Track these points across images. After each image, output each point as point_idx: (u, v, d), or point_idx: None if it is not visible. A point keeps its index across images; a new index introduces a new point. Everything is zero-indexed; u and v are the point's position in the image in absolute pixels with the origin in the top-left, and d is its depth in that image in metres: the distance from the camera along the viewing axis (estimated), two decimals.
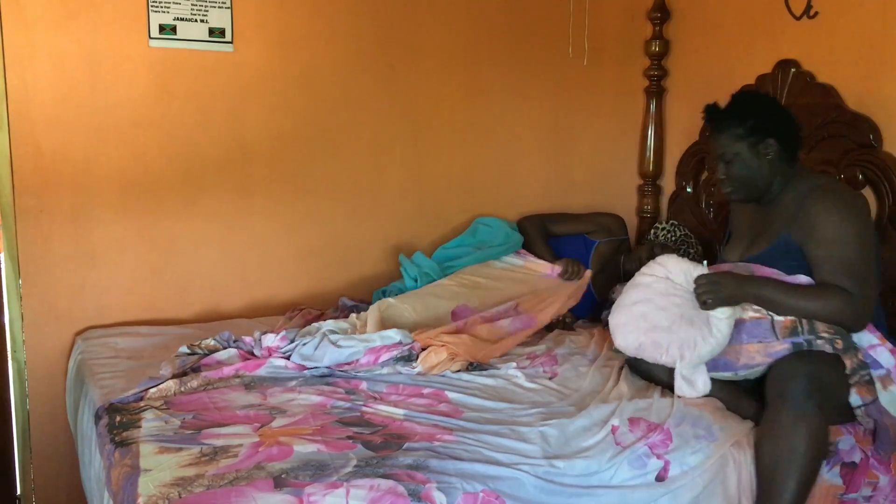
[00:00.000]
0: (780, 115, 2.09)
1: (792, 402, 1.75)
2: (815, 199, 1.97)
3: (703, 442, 1.79)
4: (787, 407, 1.75)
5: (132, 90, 2.49)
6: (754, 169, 2.06)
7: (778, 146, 2.04)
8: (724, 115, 2.09)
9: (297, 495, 1.46)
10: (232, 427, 1.75)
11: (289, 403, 1.91)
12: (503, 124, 3.09)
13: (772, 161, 2.05)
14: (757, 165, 2.05)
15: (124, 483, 1.54)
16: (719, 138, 2.09)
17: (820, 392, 1.77)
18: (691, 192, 3.09)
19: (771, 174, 2.06)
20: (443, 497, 1.51)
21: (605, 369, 2.19)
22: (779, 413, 1.76)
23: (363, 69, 2.81)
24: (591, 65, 3.17)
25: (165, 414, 1.82)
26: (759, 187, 2.09)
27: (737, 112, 2.07)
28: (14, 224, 2.41)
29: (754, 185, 2.08)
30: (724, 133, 2.07)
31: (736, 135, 2.05)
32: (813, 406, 1.74)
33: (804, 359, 1.86)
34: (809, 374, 1.79)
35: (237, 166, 2.67)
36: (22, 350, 2.48)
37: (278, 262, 2.79)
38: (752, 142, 2.04)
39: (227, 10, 2.57)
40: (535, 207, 3.18)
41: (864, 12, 2.41)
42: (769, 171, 2.06)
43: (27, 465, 2.54)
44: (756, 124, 2.03)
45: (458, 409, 1.91)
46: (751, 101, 2.12)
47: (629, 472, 1.71)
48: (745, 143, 2.04)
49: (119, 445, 1.67)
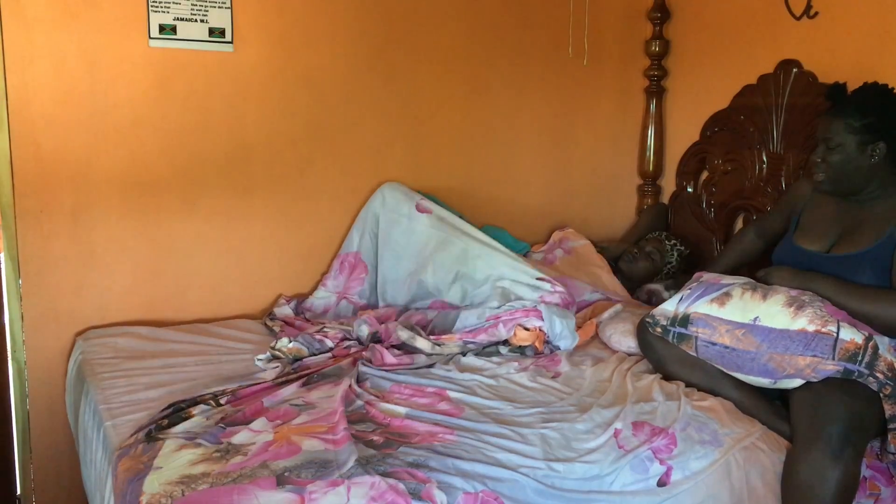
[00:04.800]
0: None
1: (829, 443, 1.68)
2: None
3: (709, 447, 1.77)
4: (822, 447, 1.68)
5: (132, 90, 2.49)
6: (854, 165, 1.98)
7: (887, 151, 1.97)
8: (848, 101, 2.00)
9: (298, 493, 1.46)
10: (256, 423, 1.75)
11: (324, 400, 1.90)
12: (503, 124, 3.09)
13: (875, 164, 1.98)
14: (858, 163, 1.98)
15: (131, 479, 1.54)
16: (833, 122, 2.00)
17: (857, 433, 1.72)
18: (691, 192, 3.10)
19: (869, 176, 2.00)
20: (443, 496, 1.51)
21: (608, 370, 2.17)
22: (812, 451, 1.70)
23: (363, 69, 2.81)
24: (591, 65, 3.17)
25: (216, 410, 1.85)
26: (852, 184, 2.02)
27: (861, 104, 1.98)
28: (14, 224, 2.40)
29: (847, 181, 2.01)
30: (839, 119, 1.98)
31: (850, 126, 1.97)
32: (850, 451, 1.68)
33: (848, 393, 1.77)
34: (853, 414, 1.73)
35: (237, 166, 2.67)
36: (22, 350, 2.47)
37: (278, 262, 2.79)
38: (863, 139, 1.96)
39: (227, 10, 2.57)
40: (535, 207, 3.18)
41: (864, 12, 2.41)
42: (868, 173, 1.99)
43: (27, 465, 2.54)
44: (874, 124, 1.95)
45: (459, 408, 1.91)
46: (879, 97, 2.00)
47: (630, 477, 1.69)
48: (856, 137, 1.97)
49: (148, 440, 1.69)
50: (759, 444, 1.82)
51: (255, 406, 1.87)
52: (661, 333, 2.05)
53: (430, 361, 2.20)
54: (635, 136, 3.30)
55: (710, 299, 1.97)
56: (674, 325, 2.01)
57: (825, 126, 2.02)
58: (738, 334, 1.90)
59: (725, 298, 1.95)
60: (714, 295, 1.97)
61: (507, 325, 2.28)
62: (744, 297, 1.94)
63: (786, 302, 1.89)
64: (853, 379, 1.80)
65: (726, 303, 1.94)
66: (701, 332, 1.95)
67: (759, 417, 1.91)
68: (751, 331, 1.88)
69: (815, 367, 1.82)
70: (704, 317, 1.95)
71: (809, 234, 2.13)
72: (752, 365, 1.89)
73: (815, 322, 1.84)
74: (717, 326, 1.93)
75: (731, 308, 1.93)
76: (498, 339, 2.28)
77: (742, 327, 1.90)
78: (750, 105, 2.79)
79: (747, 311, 1.91)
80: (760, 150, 2.77)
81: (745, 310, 1.91)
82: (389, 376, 2.09)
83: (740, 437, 1.82)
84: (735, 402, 1.95)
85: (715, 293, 1.98)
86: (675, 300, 2.05)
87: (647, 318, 2.10)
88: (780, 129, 2.70)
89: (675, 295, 2.08)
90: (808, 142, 2.55)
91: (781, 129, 2.69)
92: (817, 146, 2.06)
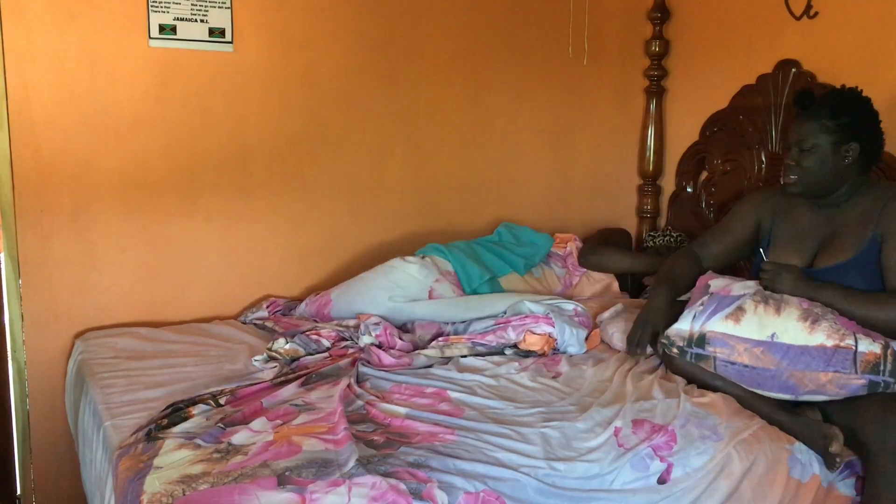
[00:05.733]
0: (872, 123, 2.04)
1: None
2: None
3: (709, 442, 1.77)
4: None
5: (132, 90, 2.49)
6: (828, 167, 2.01)
7: (859, 152, 1.99)
8: (821, 103, 2.03)
9: (299, 493, 1.46)
10: (256, 423, 1.75)
11: (323, 400, 1.90)
12: (503, 124, 3.09)
13: (848, 165, 2.00)
14: (832, 164, 2.00)
15: (131, 479, 1.54)
16: (805, 125, 2.03)
17: None
18: (691, 192, 3.10)
19: (842, 178, 2.02)
20: (444, 496, 1.51)
21: (609, 370, 2.17)
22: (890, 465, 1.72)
23: (363, 69, 2.81)
24: (591, 65, 3.17)
25: (216, 410, 1.85)
26: (824, 187, 2.03)
27: (834, 105, 2.01)
28: (14, 224, 2.40)
29: (820, 182, 2.03)
30: (813, 121, 2.01)
31: (824, 127, 2.00)
32: None
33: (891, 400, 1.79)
34: None
35: (237, 166, 2.67)
36: (22, 350, 2.47)
37: (278, 262, 2.79)
38: (837, 139, 1.99)
39: (227, 10, 2.57)
40: (535, 207, 3.18)
41: (864, 12, 2.41)
42: (841, 175, 2.01)
43: (27, 465, 2.54)
44: (848, 123, 1.99)
45: (459, 408, 1.91)
46: (849, 99, 2.05)
47: (631, 475, 1.69)
48: (831, 137, 1.99)
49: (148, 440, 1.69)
50: (760, 434, 1.83)
51: (254, 406, 1.87)
52: (677, 354, 2.01)
53: (429, 362, 2.21)
54: (635, 136, 3.30)
55: (725, 315, 1.94)
56: (690, 346, 1.97)
57: (798, 129, 2.04)
58: (756, 352, 1.88)
59: (740, 314, 1.92)
60: (728, 310, 1.94)
61: (516, 330, 2.28)
62: (757, 310, 1.91)
63: (800, 316, 1.88)
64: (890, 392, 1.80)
65: (741, 319, 1.91)
66: (719, 352, 1.92)
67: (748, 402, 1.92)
68: (769, 348, 1.87)
69: (839, 382, 1.82)
70: (722, 336, 1.92)
71: (787, 249, 2.12)
72: (772, 382, 1.88)
73: (833, 336, 1.83)
74: (735, 345, 1.90)
75: (747, 324, 1.90)
76: (507, 342, 2.28)
77: (760, 345, 1.88)
78: (749, 105, 2.80)
79: (763, 326, 1.89)
80: (759, 150, 2.77)
81: (762, 325, 1.89)
82: (389, 377, 2.09)
83: (739, 429, 1.82)
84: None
85: (728, 308, 1.94)
86: (688, 318, 2.00)
87: (663, 339, 2.06)
88: (779, 129, 2.70)
89: (686, 311, 2.03)
90: None
91: (780, 129, 2.69)
92: (789, 152, 2.07)
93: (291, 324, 2.48)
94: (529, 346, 2.27)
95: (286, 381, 2.03)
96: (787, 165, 2.07)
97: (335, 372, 2.11)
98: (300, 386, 2.00)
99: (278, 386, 2.00)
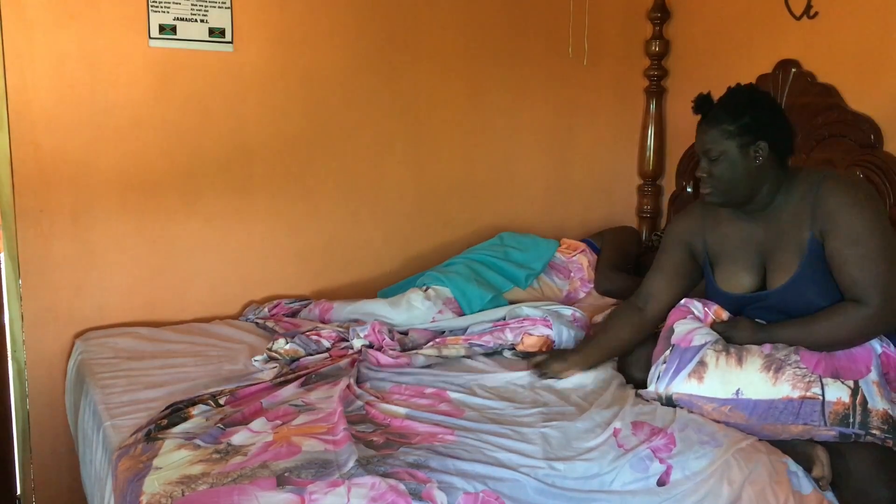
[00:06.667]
0: (775, 117, 1.90)
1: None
2: (830, 190, 1.81)
3: (708, 447, 1.75)
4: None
5: (132, 90, 2.49)
6: (740, 171, 1.87)
7: (769, 150, 1.86)
8: (717, 108, 1.90)
9: (298, 493, 1.46)
10: (256, 424, 1.75)
11: (323, 401, 1.90)
12: (503, 124, 3.09)
13: (760, 166, 1.87)
14: (744, 168, 1.87)
15: (131, 479, 1.54)
16: (707, 133, 1.89)
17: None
18: (691, 192, 3.10)
19: (758, 180, 1.89)
20: (443, 496, 1.51)
21: (608, 371, 2.17)
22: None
23: (363, 69, 2.81)
24: (591, 65, 3.17)
25: (216, 410, 1.85)
26: (742, 192, 1.90)
27: (731, 108, 1.88)
28: (14, 224, 2.40)
29: (737, 189, 1.90)
30: (714, 128, 1.88)
31: (726, 132, 1.86)
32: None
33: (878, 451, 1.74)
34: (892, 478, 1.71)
35: (237, 166, 2.67)
36: (22, 350, 2.47)
37: (278, 262, 2.79)
38: (742, 141, 1.86)
39: (227, 10, 2.57)
40: (535, 207, 3.19)
41: (864, 12, 2.41)
42: (756, 177, 1.88)
43: (27, 465, 2.54)
44: (749, 123, 1.85)
45: (459, 408, 1.91)
46: (747, 97, 1.91)
47: (630, 476, 1.68)
48: (735, 141, 1.86)
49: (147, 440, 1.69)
50: (758, 445, 1.82)
51: (253, 407, 1.87)
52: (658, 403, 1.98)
53: (428, 362, 2.21)
54: (635, 136, 3.30)
55: (688, 374, 1.88)
56: (663, 403, 1.93)
57: (702, 139, 1.91)
58: (724, 410, 1.83)
59: (702, 369, 1.86)
60: (690, 367, 1.88)
61: (514, 332, 2.29)
62: (719, 363, 1.85)
63: (762, 366, 1.82)
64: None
65: (704, 376, 1.85)
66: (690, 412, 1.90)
67: None
68: (736, 405, 1.82)
69: (810, 433, 1.77)
70: (688, 397, 1.88)
71: (733, 268, 2.01)
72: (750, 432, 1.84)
73: (798, 386, 1.77)
74: (703, 405, 1.86)
75: (710, 382, 1.85)
76: (504, 343, 2.29)
77: (727, 403, 1.83)
78: None
79: (727, 383, 1.83)
80: None
81: (725, 382, 1.83)
82: (389, 377, 2.09)
83: (738, 439, 1.81)
84: None
85: (690, 365, 1.88)
86: (654, 377, 1.95)
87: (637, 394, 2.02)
88: None
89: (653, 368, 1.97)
90: (805, 142, 2.55)
91: None
92: (700, 162, 1.94)
93: (292, 324, 2.48)
94: (527, 347, 2.27)
95: (286, 382, 2.03)
96: (700, 178, 1.94)
97: (335, 372, 2.11)
98: (300, 386, 2.00)
99: (278, 386, 2.00)
